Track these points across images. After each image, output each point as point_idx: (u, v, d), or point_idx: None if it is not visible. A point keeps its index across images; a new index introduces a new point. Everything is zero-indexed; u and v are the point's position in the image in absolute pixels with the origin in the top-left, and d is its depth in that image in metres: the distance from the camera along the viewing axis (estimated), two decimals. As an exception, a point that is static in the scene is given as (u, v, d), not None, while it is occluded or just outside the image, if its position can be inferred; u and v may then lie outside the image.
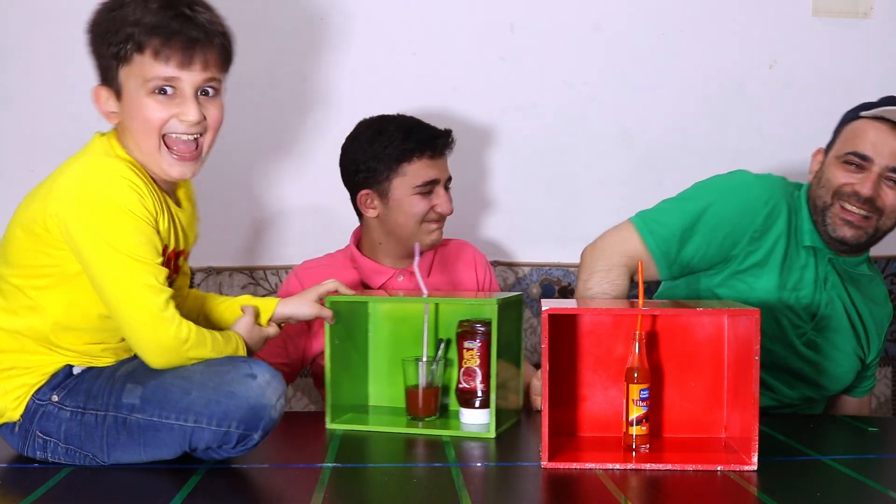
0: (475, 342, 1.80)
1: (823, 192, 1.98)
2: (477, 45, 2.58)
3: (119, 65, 1.58)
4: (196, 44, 1.57)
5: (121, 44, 1.56)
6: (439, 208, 2.13)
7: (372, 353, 1.95)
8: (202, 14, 1.60)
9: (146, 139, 1.59)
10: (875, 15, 2.63)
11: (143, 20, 1.55)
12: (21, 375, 1.60)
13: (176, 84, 1.58)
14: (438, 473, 1.54)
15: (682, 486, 1.47)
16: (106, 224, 1.52)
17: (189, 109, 1.58)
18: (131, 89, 1.58)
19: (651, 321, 1.68)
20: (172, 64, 1.56)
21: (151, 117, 1.58)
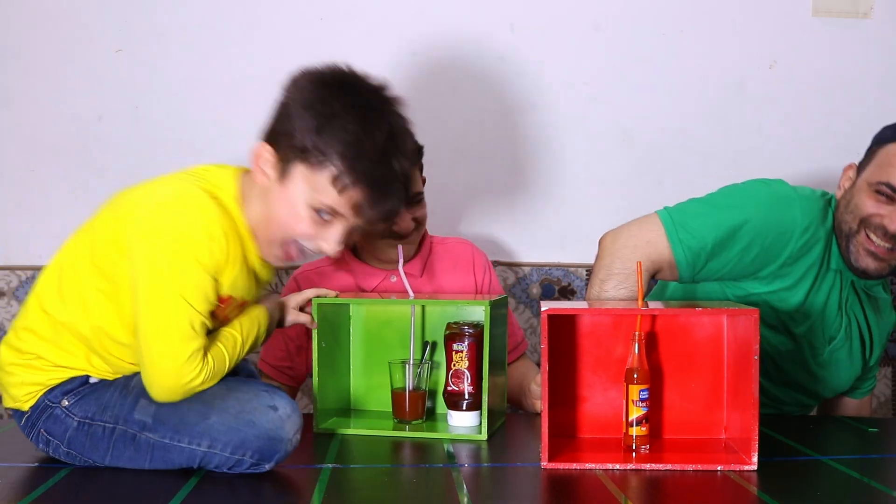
0: (463, 344, 1.80)
1: (850, 219, 1.90)
2: (477, 45, 2.58)
3: (301, 160, 1.53)
4: (392, 205, 1.58)
5: (320, 154, 1.52)
6: (398, 228, 2.04)
7: (358, 356, 1.94)
8: (403, 168, 1.57)
9: (277, 232, 1.58)
10: (875, 15, 2.63)
11: (358, 161, 1.51)
12: (40, 369, 1.59)
13: (338, 220, 1.57)
14: (438, 474, 1.53)
15: (683, 486, 1.47)
16: (166, 257, 1.49)
17: (331, 247, 1.58)
18: (297, 190, 1.54)
19: (650, 321, 1.68)
20: (352, 211, 1.55)
21: (299, 229, 1.56)
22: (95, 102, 2.53)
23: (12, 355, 1.61)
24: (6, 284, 2.53)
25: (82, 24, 2.52)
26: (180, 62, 2.53)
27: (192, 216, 1.51)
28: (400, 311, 1.90)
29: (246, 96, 2.52)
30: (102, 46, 2.52)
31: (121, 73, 2.53)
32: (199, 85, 2.54)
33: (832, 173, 2.62)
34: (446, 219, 2.37)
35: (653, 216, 1.92)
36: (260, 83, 2.53)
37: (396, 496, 1.46)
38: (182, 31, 2.53)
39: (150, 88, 2.54)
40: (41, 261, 2.54)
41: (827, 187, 2.38)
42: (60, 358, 1.59)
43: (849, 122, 2.63)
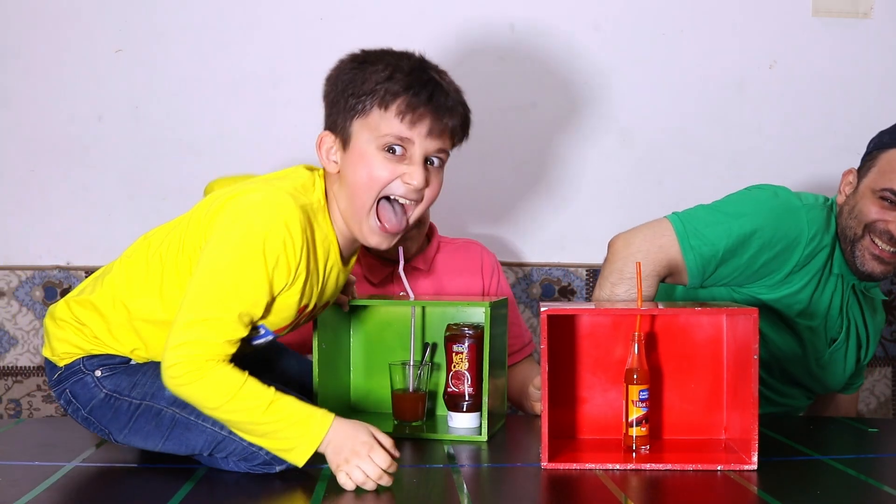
0: (463, 345, 1.80)
1: (854, 224, 1.92)
2: (477, 45, 2.58)
3: (355, 116, 1.55)
4: (442, 114, 1.55)
5: (364, 96, 1.54)
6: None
7: (359, 357, 1.94)
8: (450, 86, 1.59)
9: (363, 195, 1.55)
10: (875, 15, 2.63)
11: (395, 77, 1.54)
12: (88, 338, 1.59)
13: (407, 146, 1.55)
14: (438, 475, 1.54)
15: (683, 486, 1.47)
16: (234, 252, 1.47)
17: (416, 173, 1.55)
18: (362, 142, 1.55)
19: (650, 322, 1.68)
20: (412, 127, 1.54)
21: (377, 174, 1.54)
22: (95, 102, 2.53)
23: (69, 314, 1.61)
24: (6, 284, 2.53)
25: (82, 24, 2.52)
26: (180, 62, 2.53)
27: (275, 223, 1.48)
28: (400, 312, 1.90)
29: (246, 96, 2.53)
30: (102, 46, 2.52)
31: (121, 73, 2.53)
32: (199, 85, 2.54)
33: (832, 174, 2.62)
34: (446, 219, 2.37)
35: (664, 221, 1.94)
36: (260, 83, 2.54)
37: (397, 497, 1.46)
38: (182, 31, 2.53)
39: (150, 88, 2.54)
40: (41, 261, 2.55)
41: (826, 188, 2.38)
42: (109, 340, 1.59)
43: (849, 122, 2.63)
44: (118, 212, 2.54)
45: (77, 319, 1.60)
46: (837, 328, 2.02)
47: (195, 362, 1.45)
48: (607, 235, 2.61)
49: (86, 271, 2.52)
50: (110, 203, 2.55)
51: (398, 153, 1.55)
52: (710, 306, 1.63)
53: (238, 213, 1.49)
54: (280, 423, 1.46)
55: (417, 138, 1.54)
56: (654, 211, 2.59)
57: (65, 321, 1.61)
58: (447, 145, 1.60)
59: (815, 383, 2.10)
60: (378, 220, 1.57)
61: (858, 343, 2.09)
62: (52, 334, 1.62)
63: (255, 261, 1.47)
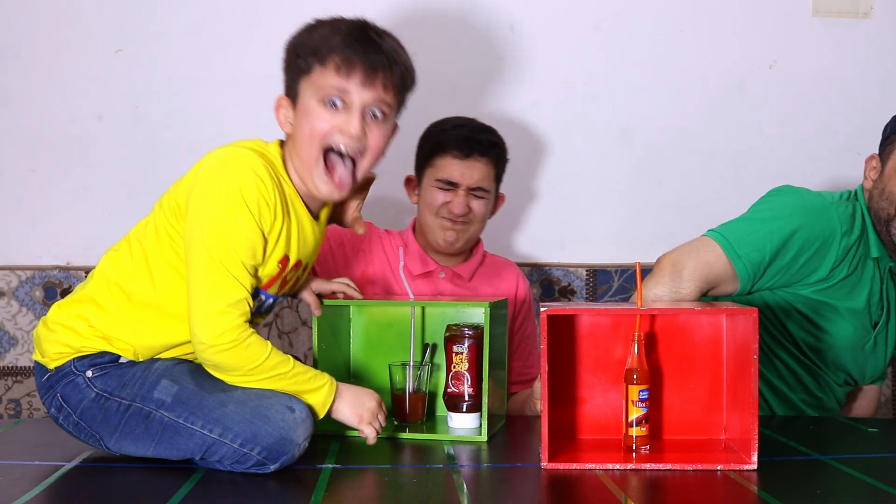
0: (463, 346, 1.80)
1: (886, 205, 1.98)
2: (477, 45, 2.58)
3: (301, 76, 1.65)
4: (376, 65, 1.63)
5: (307, 56, 1.64)
6: (451, 206, 2.15)
7: (359, 357, 1.94)
8: (388, 42, 1.67)
9: (308, 147, 1.64)
10: (875, 15, 2.63)
11: (333, 37, 1.63)
12: (80, 335, 1.61)
13: (346, 98, 1.62)
14: (438, 475, 1.54)
15: (683, 486, 1.47)
16: (219, 208, 1.56)
17: (352, 122, 1.62)
18: (306, 98, 1.64)
19: (650, 322, 1.68)
20: (347, 78, 1.61)
21: (316, 125, 1.63)
22: (95, 102, 2.53)
23: (61, 314, 1.64)
24: (6, 284, 2.53)
25: (82, 24, 2.52)
26: (180, 62, 2.53)
27: (244, 170, 1.58)
28: (400, 312, 1.90)
29: (246, 96, 2.52)
30: (102, 46, 2.52)
31: (121, 73, 2.53)
32: (199, 85, 2.54)
33: (832, 174, 2.63)
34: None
35: (706, 239, 2.00)
36: (260, 83, 2.53)
37: (397, 497, 1.46)
38: (182, 31, 2.53)
39: (150, 88, 2.54)
40: (41, 261, 2.55)
41: (826, 188, 2.38)
42: (108, 327, 1.62)
43: (849, 122, 2.63)
44: (118, 212, 2.53)
45: (73, 317, 1.62)
46: (878, 312, 2.08)
47: (229, 333, 1.54)
48: (607, 235, 2.62)
49: (85, 271, 2.52)
50: (110, 203, 2.54)
51: (339, 106, 1.63)
52: (710, 306, 1.63)
53: (208, 178, 1.58)
54: (301, 378, 1.61)
55: (354, 88, 1.62)
56: (655, 211, 2.61)
57: (58, 323, 1.63)
58: (386, 97, 1.65)
59: (862, 370, 2.14)
60: (326, 169, 1.64)
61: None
62: (43, 338, 1.64)
63: (239, 211, 1.56)
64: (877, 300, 2.06)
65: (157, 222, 1.65)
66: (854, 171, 2.67)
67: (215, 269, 1.55)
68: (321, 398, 1.63)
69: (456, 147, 2.15)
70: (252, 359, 1.57)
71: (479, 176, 2.17)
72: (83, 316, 1.63)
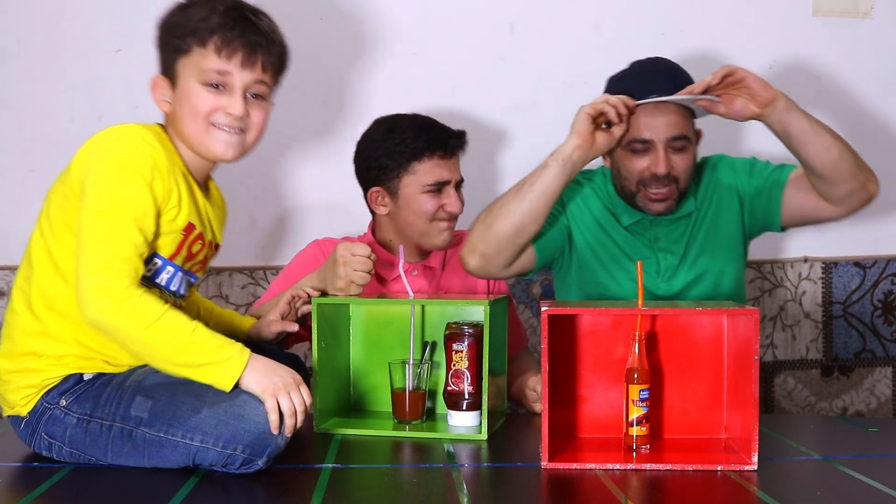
0: (463, 344, 1.80)
1: (627, 183, 2.08)
2: (477, 45, 2.58)
3: (179, 56, 1.67)
4: (255, 47, 1.67)
5: (185, 36, 1.66)
6: (449, 207, 2.14)
7: (358, 356, 1.94)
8: (265, 22, 1.71)
9: (192, 122, 1.67)
10: (875, 15, 2.63)
11: (210, 18, 1.65)
12: (35, 371, 1.61)
13: (227, 80, 1.66)
14: (438, 474, 1.54)
15: (683, 486, 1.47)
16: (111, 173, 1.57)
17: (235, 103, 1.67)
18: (186, 78, 1.67)
19: (650, 321, 1.68)
20: (228, 60, 1.65)
21: (199, 105, 1.66)
22: (95, 102, 2.53)
23: (6, 362, 1.63)
24: (6, 284, 2.53)
25: (82, 24, 2.52)
26: (180, 62, 2.53)
27: (133, 137, 1.61)
28: (400, 311, 1.90)
29: (246, 96, 2.52)
30: (102, 46, 2.52)
31: (121, 73, 2.52)
32: (199, 85, 2.54)
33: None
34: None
35: None
36: (260, 83, 2.54)
37: (396, 496, 1.46)
38: (182, 31, 2.53)
39: (150, 88, 2.53)
40: (41, 261, 2.54)
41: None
42: (53, 348, 1.61)
43: (849, 122, 2.63)
44: (118, 212, 2.53)
45: (14, 361, 1.62)
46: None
47: (113, 288, 1.51)
48: (607, 235, 2.61)
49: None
50: (110, 203, 2.54)
51: (220, 88, 1.67)
52: (710, 306, 1.63)
53: (96, 151, 1.60)
54: (204, 347, 1.54)
55: (235, 70, 1.66)
56: (654, 211, 2.60)
57: (8, 372, 1.63)
58: (265, 78, 1.70)
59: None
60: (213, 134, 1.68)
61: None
62: (2, 392, 1.64)
63: (130, 171, 1.58)
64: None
65: (51, 219, 1.63)
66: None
67: (103, 225, 1.54)
68: (227, 371, 1.53)
69: (439, 147, 2.12)
70: (141, 318, 1.51)
71: (459, 169, 2.19)
72: (25, 352, 1.62)
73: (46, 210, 1.66)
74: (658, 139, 2.02)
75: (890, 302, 2.69)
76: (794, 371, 2.70)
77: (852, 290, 2.69)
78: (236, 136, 1.69)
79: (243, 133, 1.70)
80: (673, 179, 2.04)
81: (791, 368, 2.70)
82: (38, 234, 1.66)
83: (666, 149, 2.02)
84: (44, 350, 1.61)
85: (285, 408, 1.54)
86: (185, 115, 1.67)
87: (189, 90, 1.66)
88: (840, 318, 2.70)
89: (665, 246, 2.11)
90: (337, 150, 2.44)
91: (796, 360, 2.70)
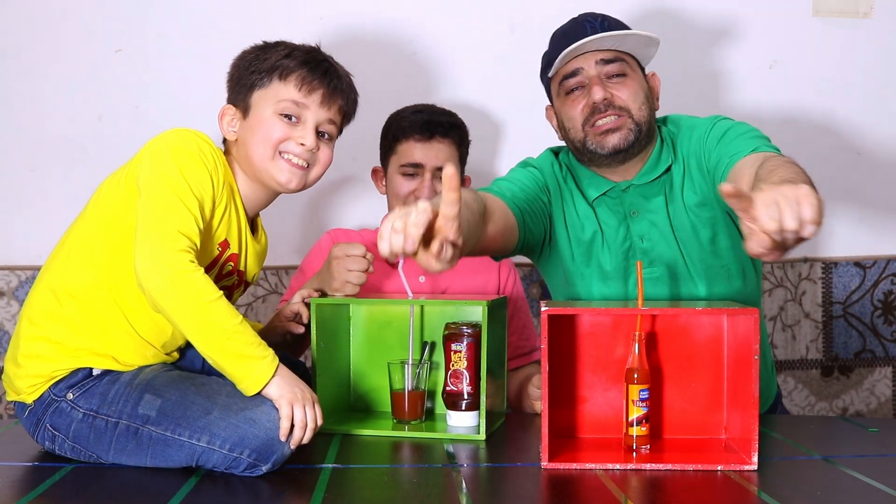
0: (462, 344, 1.80)
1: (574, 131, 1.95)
2: (477, 45, 2.58)
3: (255, 89, 1.73)
4: (335, 89, 1.75)
5: (265, 72, 1.73)
6: (418, 193, 2.14)
7: (358, 356, 1.94)
8: (343, 71, 1.80)
9: (262, 148, 1.71)
10: (875, 15, 2.63)
11: (294, 55, 1.74)
12: (48, 359, 1.60)
13: (303, 113, 1.72)
14: (438, 474, 1.54)
15: (683, 486, 1.47)
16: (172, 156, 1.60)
17: (307, 135, 1.72)
18: (260, 109, 1.72)
19: (650, 321, 1.68)
20: (308, 95, 1.72)
21: (272, 132, 1.71)
22: (95, 102, 2.53)
23: (26, 346, 1.63)
24: (6, 284, 2.53)
25: (82, 24, 2.52)
26: (180, 62, 2.53)
27: (198, 138, 1.65)
28: (399, 311, 1.90)
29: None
30: (102, 46, 2.52)
31: (121, 73, 2.53)
32: (199, 85, 2.54)
33: (832, 174, 2.63)
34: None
35: None
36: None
37: (396, 496, 1.46)
38: (182, 31, 2.53)
39: (150, 88, 2.54)
40: (41, 261, 2.52)
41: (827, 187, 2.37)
42: (68, 337, 1.61)
43: (849, 122, 2.63)
44: (118, 212, 2.53)
45: (32, 344, 1.62)
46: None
47: (178, 261, 1.53)
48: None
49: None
50: (110, 203, 2.54)
51: (293, 120, 1.72)
52: (710, 307, 1.63)
53: (159, 146, 1.62)
54: (248, 339, 1.55)
55: (312, 105, 1.73)
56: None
57: (24, 356, 1.62)
58: (337, 118, 1.78)
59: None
60: (278, 164, 1.72)
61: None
62: (12, 375, 1.64)
63: (192, 156, 1.61)
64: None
65: (98, 208, 1.66)
66: (854, 171, 2.68)
67: (168, 198, 1.57)
68: (261, 370, 1.54)
69: (417, 130, 2.15)
70: (198, 295, 1.52)
71: (443, 157, 2.17)
72: (44, 336, 1.62)
73: (95, 201, 1.69)
74: (587, 65, 1.90)
75: (890, 302, 2.69)
76: (794, 371, 2.70)
77: (852, 290, 2.69)
78: (301, 169, 1.73)
79: (308, 168, 1.75)
80: (621, 109, 1.89)
81: (791, 368, 2.70)
82: (80, 225, 1.69)
83: (599, 76, 1.90)
84: (59, 337, 1.61)
85: (298, 419, 1.54)
86: (255, 142, 1.71)
87: (263, 118, 1.71)
88: (840, 318, 2.70)
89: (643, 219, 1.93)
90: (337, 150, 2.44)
91: (796, 360, 2.70)
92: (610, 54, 1.91)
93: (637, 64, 1.97)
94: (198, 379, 1.61)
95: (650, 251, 1.94)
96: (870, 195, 2.68)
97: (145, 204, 1.57)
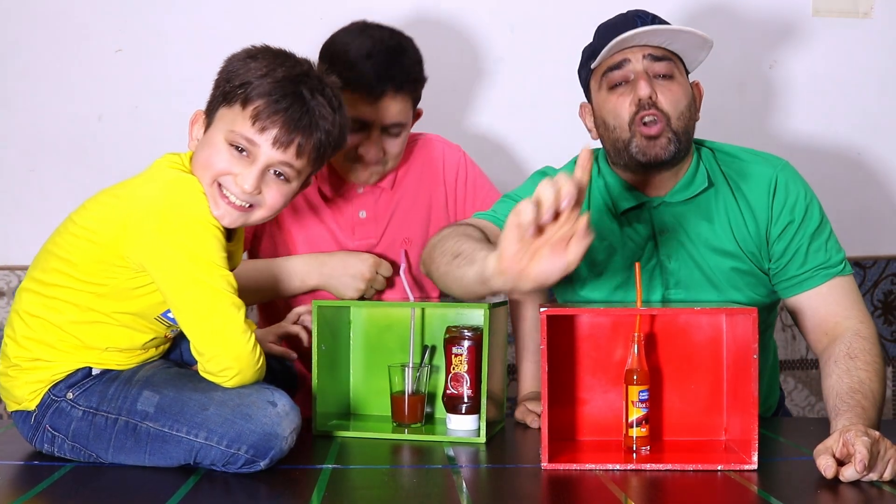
0: (462, 347, 1.80)
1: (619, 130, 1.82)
2: (477, 45, 2.58)
3: (222, 105, 1.60)
4: (294, 128, 1.56)
5: (236, 88, 1.57)
6: (362, 151, 2.00)
7: (358, 359, 1.93)
8: (317, 104, 1.58)
9: (201, 173, 1.58)
10: (875, 15, 2.63)
11: (265, 78, 1.56)
12: (42, 368, 1.60)
13: (253, 150, 1.57)
14: (438, 475, 1.54)
15: (683, 486, 1.47)
16: (192, 239, 1.52)
17: (249, 177, 1.56)
18: (216, 129, 1.59)
19: (650, 322, 1.68)
20: (261, 133, 1.56)
21: (214, 161, 1.57)
22: (95, 102, 2.53)
23: (9, 360, 1.63)
24: (6, 284, 2.53)
25: (82, 24, 2.52)
26: (180, 62, 2.53)
27: (194, 194, 1.55)
28: (400, 314, 1.90)
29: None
30: (102, 46, 2.52)
31: (121, 73, 2.53)
32: (199, 85, 2.53)
33: (832, 174, 2.63)
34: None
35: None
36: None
37: (396, 497, 1.46)
38: (182, 31, 2.53)
39: (150, 88, 2.54)
40: (41, 261, 2.55)
41: (827, 187, 2.37)
42: (58, 357, 1.61)
43: (849, 122, 2.63)
44: (118, 212, 2.53)
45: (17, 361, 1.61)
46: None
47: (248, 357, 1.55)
48: (607, 235, 2.62)
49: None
50: (110, 203, 2.54)
51: (243, 153, 1.57)
52: (709, 307, 1.63)
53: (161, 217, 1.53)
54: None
55: (263, 144, 1.56)
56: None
57: (13, 367, 1.62)
58: (295, 163, 1.59)
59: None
60: (221, 195, 1.57)
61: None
62: (8, 387, 1.63)
63: (206, 228, 1.54)
64: None
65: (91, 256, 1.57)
66: (854, 171, 2.68)
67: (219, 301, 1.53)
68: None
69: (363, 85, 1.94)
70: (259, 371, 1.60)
71: (395, 113, 1.99)
72: (28, 357, 1.61)
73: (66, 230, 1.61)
74: (634, 59, 1.78)
75: (890, 302, 2.69)
76: (794, 371, 2.70)
77: (852, 290, 2.69)
78: (239, 210, 1.58)
79: (250, 209, 1.59)
80: (661, 113, 1.78)
81: (791, 368, 2.70)
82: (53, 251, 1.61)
83: (647, 71, 1.78)
84: (49, 357, 1.61)
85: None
86: (198, 163, 1.59)
87: (213, 142, 1.58)
88: (840, 318, 2.70)
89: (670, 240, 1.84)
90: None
91: (796, 360, 2.70)
92: (659, 51, 1.80)
93: (685, 68, 1.89)
94: (196, 375, 1.61)
95: (676, 272, 1.87)
96: (870, 195, 2.68)
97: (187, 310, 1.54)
